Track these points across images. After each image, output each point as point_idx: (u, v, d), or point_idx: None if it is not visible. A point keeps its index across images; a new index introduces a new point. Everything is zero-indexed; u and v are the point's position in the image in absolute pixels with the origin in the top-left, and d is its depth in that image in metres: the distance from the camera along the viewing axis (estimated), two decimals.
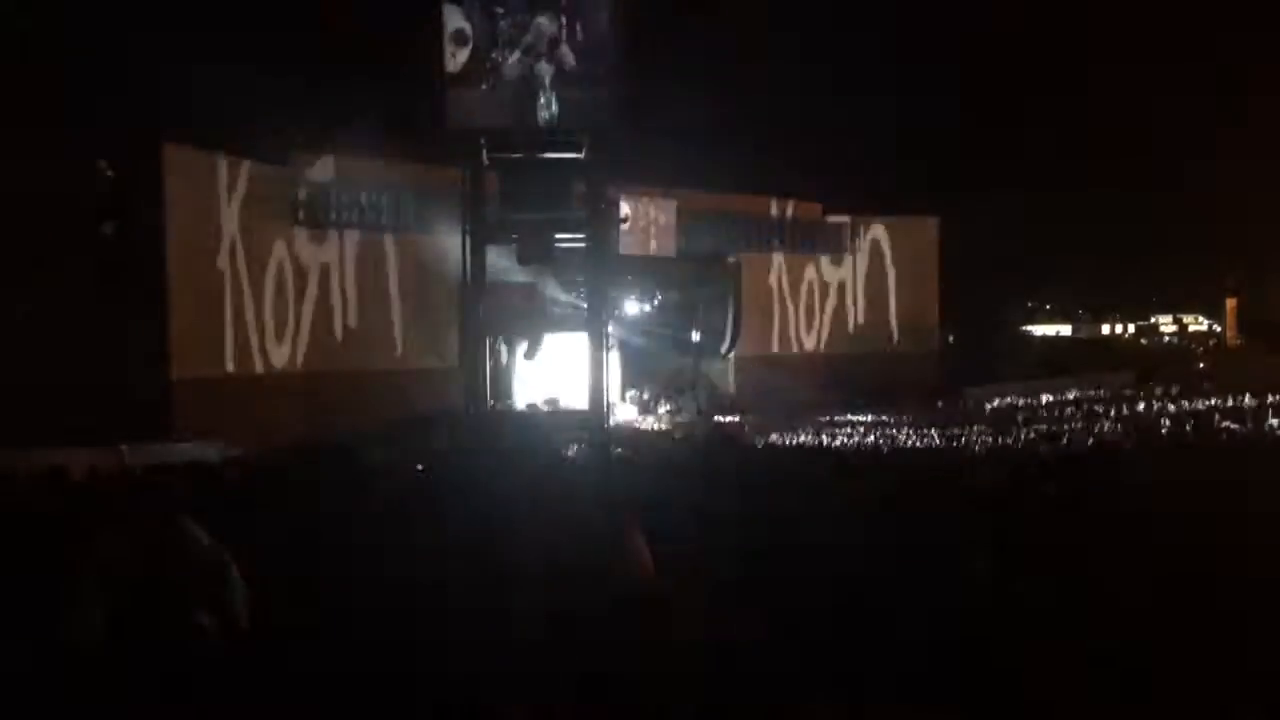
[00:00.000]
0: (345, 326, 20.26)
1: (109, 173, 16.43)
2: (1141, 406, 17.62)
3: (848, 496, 6.02)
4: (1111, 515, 5.26)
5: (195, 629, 2.01)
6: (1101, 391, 22.10)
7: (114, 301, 16.35)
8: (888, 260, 27.77)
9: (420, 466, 10.56)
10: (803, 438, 16.67)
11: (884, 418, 19.56)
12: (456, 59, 12.41)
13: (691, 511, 4.54)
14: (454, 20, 12.31)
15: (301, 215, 19.67)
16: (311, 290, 19.84)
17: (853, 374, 25.25)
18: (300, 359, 19.54)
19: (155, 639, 2.01)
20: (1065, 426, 15.65)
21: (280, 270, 19.32)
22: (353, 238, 20.48)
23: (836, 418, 20.48)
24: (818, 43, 27.10)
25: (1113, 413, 16.80)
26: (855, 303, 27.51)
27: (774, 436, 16.84)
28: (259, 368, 18.60)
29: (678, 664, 2.26)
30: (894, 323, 27.81)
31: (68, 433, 12.67)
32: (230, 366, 17.94)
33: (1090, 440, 12.95)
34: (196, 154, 17.84)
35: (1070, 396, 21.92)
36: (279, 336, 19.13)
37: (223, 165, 18.22)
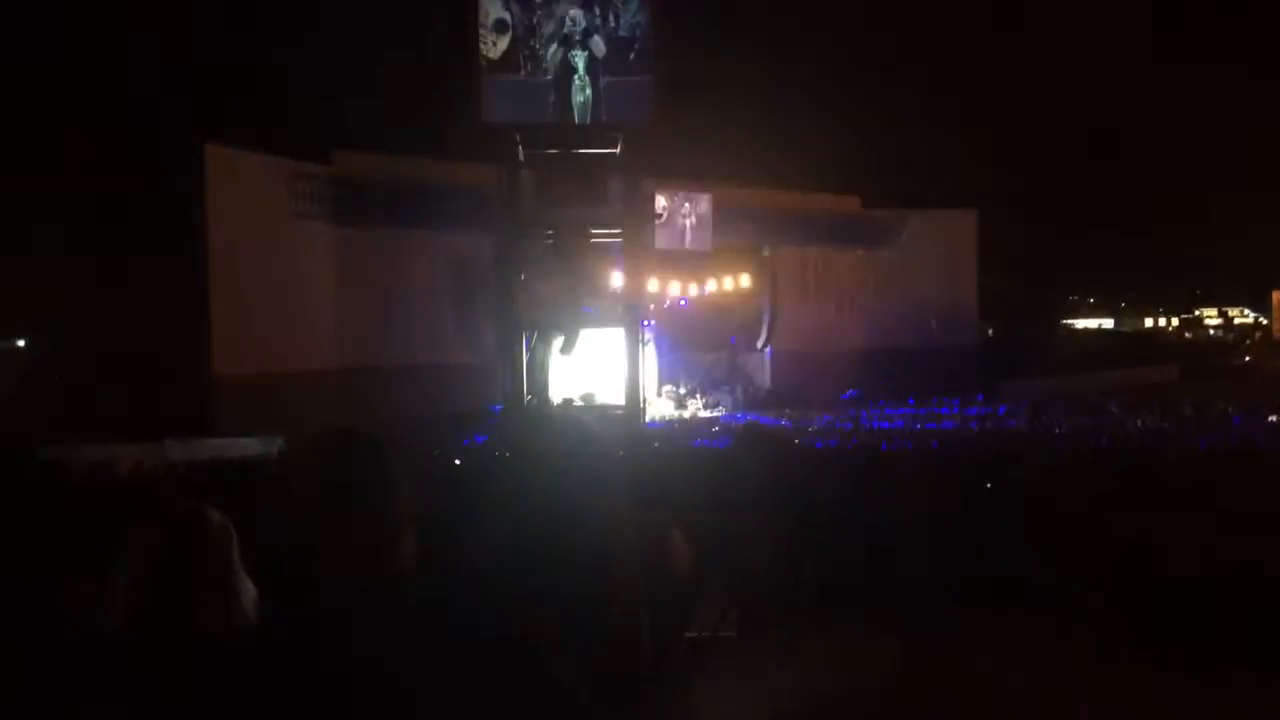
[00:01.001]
0: (383, 322, 20.38)
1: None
2: (1184, 400, 17.30)
3: (887, 491, 5.94)
4: (1160, 510, 5.14)
5: (197, 626, 1.99)
6: (1143, 386, 21.76)
7: (157, 299, 16.56)
8: (926, 254, 27.46)
9: (457, 461, 10.59)
10: (841, 431, 16.52)
11: (922, 411, 19.36)
12: (497, 47, 12.40)
13: (729, 507, 4.49)
14: (495, 10, 12.29)
15: (341, 212, 19.79)
16: (349, 286, 19.96)
17: (891, 368, 25.02)
18: (339, 355, 19.68)
19: (168, 634, 1.99)
20: (1107, 420, 15.40)
21: (319, 267, 19.46)
22: (391, 234, 20.59)
23: (874, 411, 20.28)
24: (854, 36, 26.93)
25: (1156, 407, 16.51)
26: (893, 297, 27.24)
27: (811, 428, 16.71)
28: (299, 364, 18.74)
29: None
30: (932, 316, 27.50)
31: (114, 427, 12.85)
32: (271, 363, 18.10)
33: (1133, 435, 12.72)
34: (237, 153, 18.01)
35: (1111, 390, 21.60)
36: (318, 333, 19.27)
37: (263, 164, 18.37)
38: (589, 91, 12.53)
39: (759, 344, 25.46)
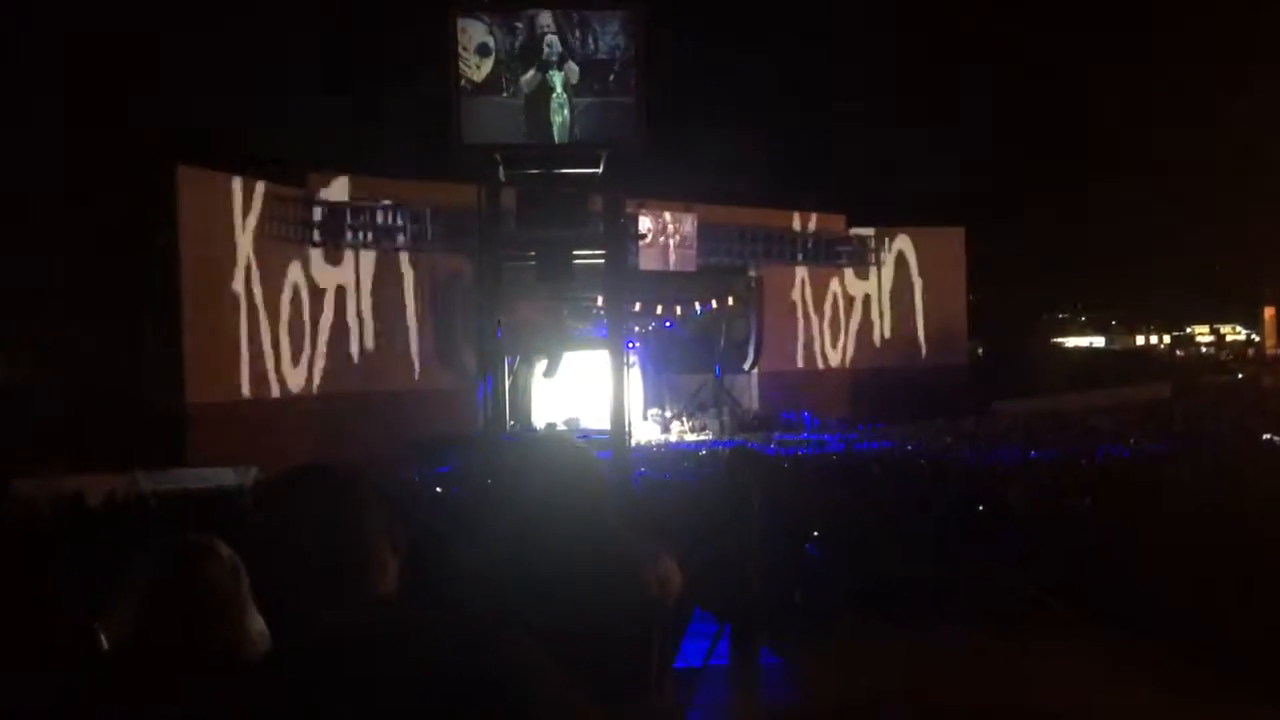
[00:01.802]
0: (362, 348, 20.37)
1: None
2: (1177, 419, 17.43)
3: (873, 515, 5.98)
4: (1146, 532, 5.20)
5: (204, 661, 2.01)
6: (1135, 405, 21.90)
7: (129, 325, 16.49)
8: (914, 272, 27.64)
9: (439, 489, 10.59)
10: (829, 454, 16.57)
11: (912, 432, 19.43)
12: (480, 70, 12.48)
13: (719, 532, 4.51)
14: (478, 34, 12.39)
15: (317, 236, 19.81)
16: (327, 311, 19.95)
17: (879, 388, 25.14)
18: (316, 382, 19.64)
19: (173, 669, 2.01)
20: (1097, 441, 15.50)
21: (296, 291, 19.44)
22: (369, 257, 20.61)
23: (863, 432, 20.35)
24: (841, 53, 27.21)
25: (1148, 426, 16.62)
26: (881, 316, 27.40)
27: (799, 453, 16.75)
28: (275, 391, 18.70)
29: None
30: (921, 336, 27.66)
31: (84, 457, 12.77)
32: (246, 390, 18.04)
33: (1124, 455, 12.81)
34: (211, 175, 18.02)
35: (1102, 410, 21.74)
36: (295, 359, 19.24)
37: (238, 186, 18.38)
38: (567, 112, 12.62)
39: (745, 365, 25.54)
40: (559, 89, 12.69)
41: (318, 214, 19.85)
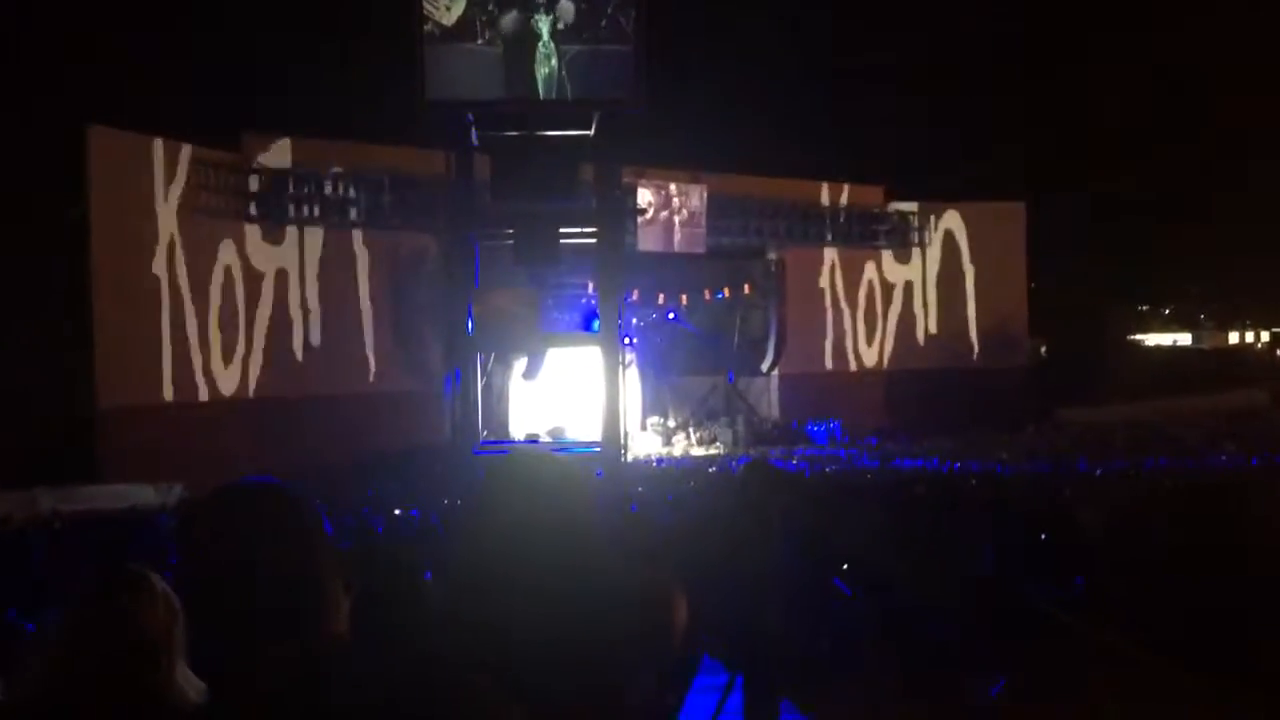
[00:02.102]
0: (307, 343, 20.36)
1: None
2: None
3: (915, 544, 5.97)
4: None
5: (132, 705, 2.01)
6: (1226, 414, 21.93)
7: (32, 315, 16.47)
8: (965, 256, 27.66)
9: (397, 511, 10.58)
10: (863, 471, 16.59)
11: (962, 446, 19.46)
12: (450, 12, 12.47)
13: (731, 563, 4.49)
14: None
15: (255, 209, 19.80)
16: (266, 299, 19.94)
17: (923, 394, 25.16)
18: (253, 383, 19.62)
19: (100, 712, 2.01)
20: (1183, 456, 15.52)
21: (228, 275, 19.42)
22: (315, 236, 20.60)
23: (903, 446, 20.38)
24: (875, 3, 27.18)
25: (1244, 439, 16.65)
26: (925, 308, 27.42)
27: (828, 470, 16.77)
28: (203, 394, 18.68)
29: None
30: (973, 332, 27.70)
31: None
32: (168, 392, 18.02)
33: (1214, 473, 12.83)
34: (128, 137, 17.99)
35: (1188, 420, 21.77)
36: (227, 356, 19.21)
37: (159, 150, 18.35)
38: (555, 63, 12.59)
39: (764, 366, 25.55)
40: (545, 35, 12.67)
41: (255, 183, 19.83)
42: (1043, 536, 7.52)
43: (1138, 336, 47.54)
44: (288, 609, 1.63)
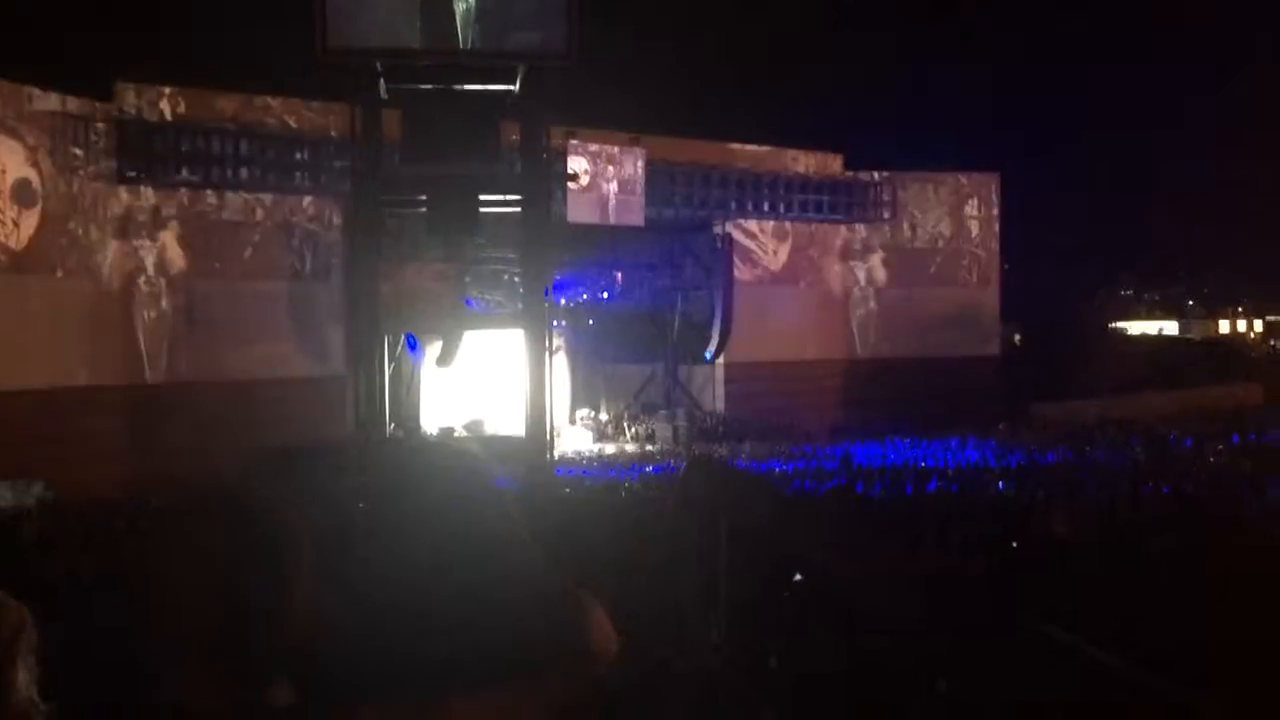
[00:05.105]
0: (191, 321, 20.07)
1: None
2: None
3: (873, 551, 6.02)
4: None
5: None
6: (1216, 411, 22.36)
7: None
8: (932, 231, 27.95)
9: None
10: (820, 473, 16.70)
11: (926, 444, 19.65)
12: None
13: (671, 573, 4.49)
14: None
15: (128, 168, 19.49)
16: (142, 272, 19.65)
17: (885, 385, 25.40)
18: (127, 366, 19.34)
19: None
20: (1167, 457, 15.79)
21: (98, 245, 19.12)
22: (199, 200, 20.31)
23: (862, 444, 20.54)
24: None
25: (1234, 438, 16.97)
26: (887, 288, 27.66)
27: (776, 469, 16.86)
28: (68, 379, 18.37)
29: None
30: (941, 316, 27.98)
31: None
32: (28, 378, 17.70)
33: (1203, 477, 13.05)
34: None
35: (1173, 418, 22.17)
36: (96, 337, 18.92)
37: (18, 99, 18.02)
38: (473, 3, 12.53)
39: (708, 353, 25.61)
40: None
41: (129, 138, 19.51)
42: (1013, 544, 7.62)
43: (1121, 324, 48.39)
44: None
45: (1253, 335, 51.67)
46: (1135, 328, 49.56)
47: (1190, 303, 53.66)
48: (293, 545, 1.66)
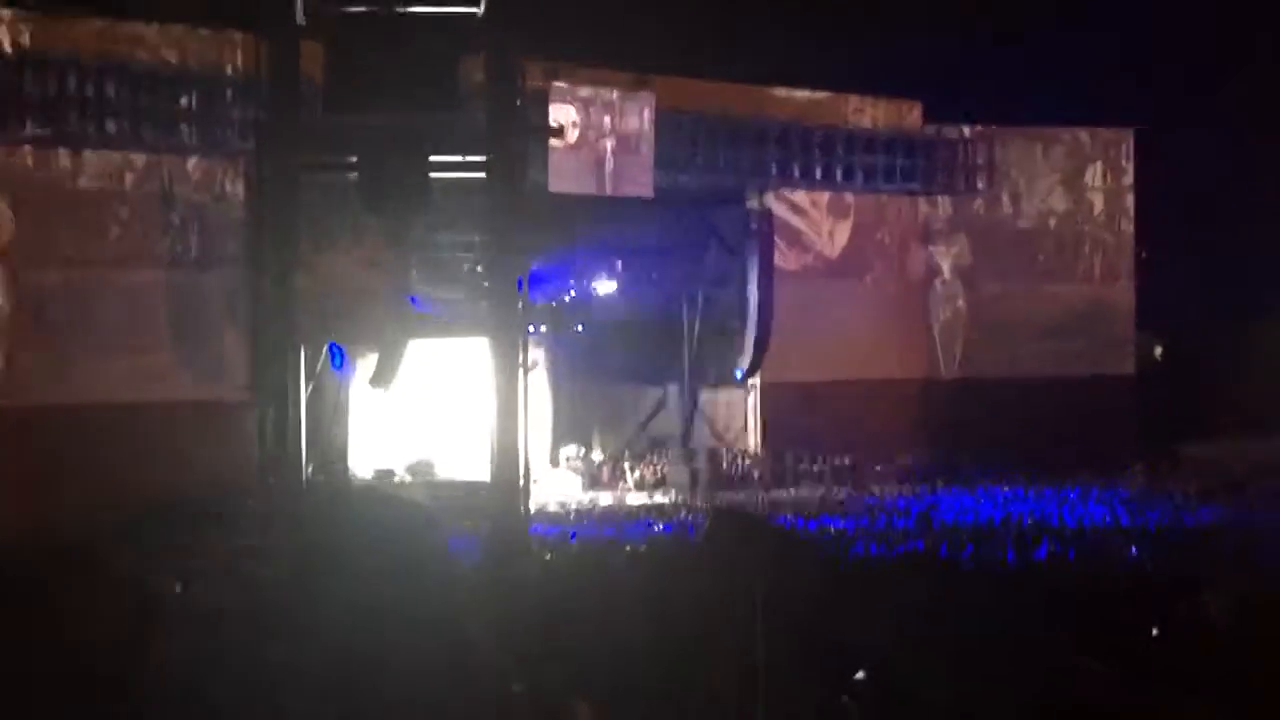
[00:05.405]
0: (42, 326, 20.10)
1: None
2: None
3: (963, 637, 6.03)
4: None
5: None
6: None
7: None
8: (1041, 207, 27.93)
9: (178, 587, 10.52)
10: (889, 532, 16.74)
11: (1033, 495, 19.66)
12: None
13: (690, 663, 4.48)
14: None
15: None
16: None
17: (978, 414, 25.34)
18: None
19: None
20: None
21: None
22: (48, 161, 20.34)
23: (947, 493, 20.56)
24: None
25: None
26: (981, 284, 27.63)
27: (831, 526, 16.91)
28: None
29: None
30: (1053, 321, 27.95)
31: None
32: None
33: None
34: None
35: None
36: None
37: None
38: None
39: (740, 370, 25.58)
40: None
41: None
42: (1154, 631, 7.61)
43: None
44: None
45: None
46: None
47: None
48: (156, 620, 1.69)
